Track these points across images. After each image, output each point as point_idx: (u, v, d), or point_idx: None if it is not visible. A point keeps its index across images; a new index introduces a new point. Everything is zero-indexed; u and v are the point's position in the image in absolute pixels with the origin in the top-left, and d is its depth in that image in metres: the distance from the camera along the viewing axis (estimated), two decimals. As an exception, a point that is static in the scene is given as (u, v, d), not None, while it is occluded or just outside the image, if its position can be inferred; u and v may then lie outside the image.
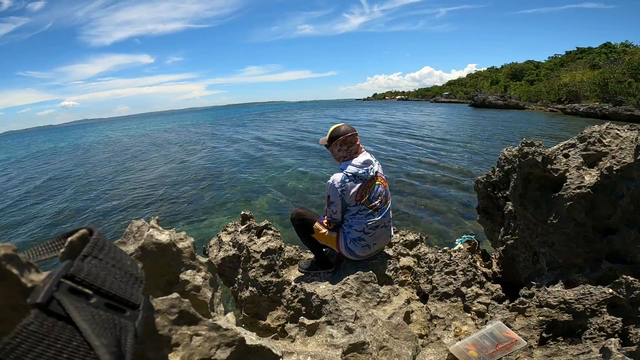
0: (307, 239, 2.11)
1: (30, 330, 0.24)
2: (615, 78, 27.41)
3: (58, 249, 0.38)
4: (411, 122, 25.25)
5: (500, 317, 1.63)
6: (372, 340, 1.47)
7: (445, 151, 12.06)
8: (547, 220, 1.78)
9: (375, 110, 48.70)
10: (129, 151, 20.46)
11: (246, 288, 2.20)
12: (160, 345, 0.59)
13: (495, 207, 2.73)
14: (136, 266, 0.40)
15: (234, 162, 12.89)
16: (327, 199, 1.99)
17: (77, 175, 13.34)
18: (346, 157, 1.98)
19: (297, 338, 1.53)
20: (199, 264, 0.78)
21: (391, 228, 2.13)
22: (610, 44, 47.86)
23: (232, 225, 2.68)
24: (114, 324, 0.30)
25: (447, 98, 66.35)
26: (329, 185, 1.93)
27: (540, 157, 1.81)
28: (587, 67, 39.80)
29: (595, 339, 1.35)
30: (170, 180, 10.63)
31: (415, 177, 8.59)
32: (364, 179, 1.91)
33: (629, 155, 1.59)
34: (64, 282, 0.30)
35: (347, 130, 1.95)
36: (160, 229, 0.73)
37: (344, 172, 1.92)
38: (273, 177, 9.74)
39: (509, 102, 38.35)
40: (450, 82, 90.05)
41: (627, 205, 1.51)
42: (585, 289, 1.50)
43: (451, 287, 2.00)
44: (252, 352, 0.73)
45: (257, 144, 17.67)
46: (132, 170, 13.11)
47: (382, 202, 1.98)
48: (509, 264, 2.40)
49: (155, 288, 0.69)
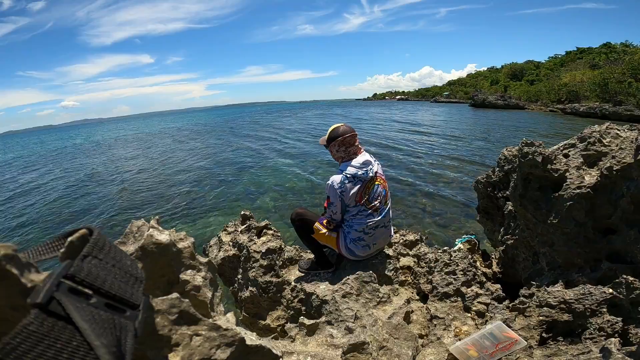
0: (307, 239, 2.11)
1: (30, 330, 0.24)
2: (615, 78, 27.40)
3: (58, 249, 0.38)
4: (411, 122, 25.24)
5: (500, 317, 1.63)
6: (372, 340, 1.47)
7: (445, 151, 12.06)
8: (547, 220, 1.78)
9: (376, 110, 48.71)
10: (129, 151, 20.47)
11: (246, 288, 2.20)
12: (160, 345, 0.59)
13: (495, 207, 2.73)
14: (136, 266, 0.40)
15: (234, 161, 12.89)
16: (327, 200, 1.98)
17: (77, 175, 13.34)
18: (345, 158, 1.97)
19: (297, 338, 1.53)
20: (199, 264, 0.78)
21: (391, 228, 2.13)
22: (610, 44, 47.84)
23: (232, 225, 2.68)
24: (114, 324, 0.30)
25: (447, 98, 66.33)
26: (328, 186, 1.93)
27: (540, 157, 1.81)
28: (587, 67, 39.79)
29: (595, 339, 1.35)
30: (171, 180, 10.64)
31: (415, 177, 8.59)
32: (363, 179, 1.91)
33: (629, 155, 1.59)
34: (64, 282, 0.30)
35: (345, 131, 1.94)
36: (160, 229, 0.73)
37: (343, 174, 1.91)
38: (273, 177, 9.74)
39: (509, 102, 38.33)
40: (450, 82, 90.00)
41: (627, 205, 1.51)
42: (585, 289, 1.50)
43: (451, 287, 2.00)
44: (252, 352, 0.73)
45: (257, 144, 17.67)
46: (133, 170, 13.11)
47: (382, 202, 1.98)
48: (509, 264, 2.40)
49: (155, 288, 0.69)
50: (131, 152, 20.05)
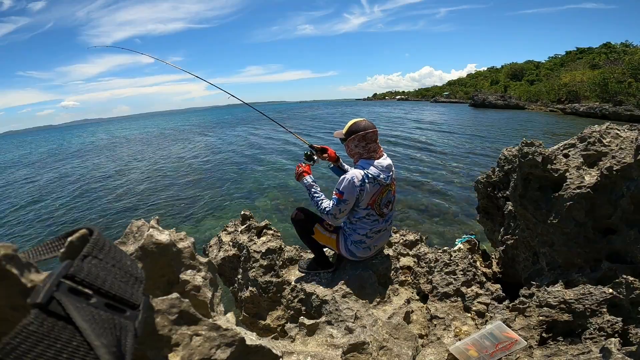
0: (307, 239, 2.11)
1: (30, 330, 0.24)
2: (615, 78, 27.41)
3: (58, 249, 0.38)
4: (411, 122, 25.24)
5: (500, 317, 1.63)
6: (372, 340, 1.47)
7: (445, 151, 12.07)
8: (547, 220, 1.78)
9: (376, 109, 48.71)
10: (129, 151, 20.46)
11: (246, 288, 2.20)
12: (160, 345, 0.59)
13: (495, 207, 2.73)
14: (136, 266, 0.40)
15: (234, 162, 12.89)
16: (337, 194, 1.79)
17: (77, 175, 13.33)
18: (363, 155, 1.83)
19: (297, 338, 1.53)
20: (199, 264, 0.78)
21: (391, 229, 2.13)
22: (610, 44, 47.84)
23: (232, 225, 2.68)
24: (114, 324, 0.30)
25: (447, 98, 66.32)
26: (348, 181, 1.74)
27: (540, 157, 1.81)
28: (587, 67, 39.80)
29: (595, 339, 1.35)
30: (171, 180, 10.64)
31: (415, 177, 8.59)
32: (381, 184, 1.80)
33: (629, 155, 1.59)
34: (64, 282, 0.29)
35: (368, 126, 1.80)
36: (160, 229, 0.73)
37: (365, 172, 1.76)
38: (273, 177, 9.74)
39: (509, 102, 38.34)
40: (450, 82, 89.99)
41: (627, 205, 1.51)
42: (585, 289, 1.50)
43: (451, 287, 2.00)
44: (252, 352, 0.73)
45: (257, 144, 17.67)
46: (133, 170, 13.11)
47: (390, 209, 1.94)
48: (509, 264, 2.40)
49: (155, 288, 0.69)
50: (131, 152, 20.05)
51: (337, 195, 1.78)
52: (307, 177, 1.97)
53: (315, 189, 1.92)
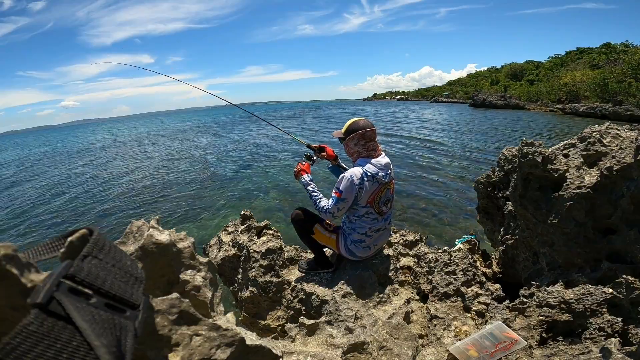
0: (307, 239, 2.11)
1: (30, 330, 0.24)
2: (615, 78, 27.42)
3: (58, 249, 0.38)
4: (411, 121, 25.23)
5: (500, 317, 1.63)
6: (372, 340, 1.47)
7: (445, 151, 12.07)
8: (547, 220, 1.78)
9: (378, 109, 48.70)
10: (129, 151, 20.46)
11: (246, 288, 2.20)
12: (160, 345, 0.59)
13: (495, 207, 2.73)
14: (136, 266, 0.40)
15: (234, 162, 12.89)
16: (336, 193, 1.81)
17: (77, 175, 13.33)
18: (362, 154, 1.85)
19: (297, 338, 1.53)
20: (199, 264, 0.78)
21: (390, 228, 2.13)
22: (610, 44, 47.85)
23: (232, 225, 2.68)
24: (114, 324, 0.30)
25: (447, 98, 66.35)
26: (347, 180, 1.76)
27: (540, 157, 1.81)
28: (587, 67, 39.80)
29: (595, 339, 1.35)
30: (171, 180, 10.64)
31: (415, 177, 8.59)
32: (380, 182, 1.82)
33: (629, 155, 1.59)
34: (64, 282, 0.29)
35: (366, 125, 1.82)
36: (160, 229, 0.73)
37: (363, 170, 1.78)
38: (273, 177, 9.74)
39: (509, 102, 38.35)
40: (450, 82, 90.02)
41: (627, 205, 1.51)
42: (585, 289, 1.50)
43: (451, 287, 2.00)
44: (252, 352, 0.73)
45: (257, 144, 17.67)
46: (133, 170, 13.11)
47: (388, 207, 1.95)
48: (509, 264, 2.40)
49: (155, 288, 0.69)
50: (131, 152, 20.06)
51: (336, 194, 1.80)
52: (304, 176, 1.99)
53: (313, 187, 1.94)
